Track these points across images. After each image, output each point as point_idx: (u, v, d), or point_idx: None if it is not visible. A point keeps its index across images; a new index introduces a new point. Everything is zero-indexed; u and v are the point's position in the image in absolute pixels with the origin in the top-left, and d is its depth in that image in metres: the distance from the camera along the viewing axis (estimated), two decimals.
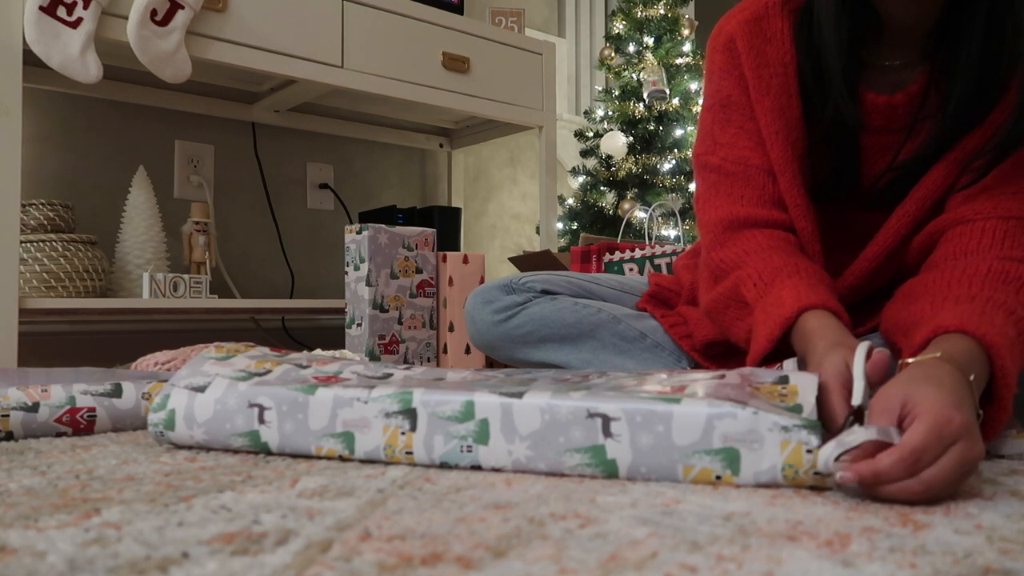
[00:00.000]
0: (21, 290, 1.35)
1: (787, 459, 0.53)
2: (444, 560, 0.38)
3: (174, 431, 0.67)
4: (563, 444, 0.58)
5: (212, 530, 0.43)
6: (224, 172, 1.94)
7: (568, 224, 2.44)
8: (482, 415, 0.60)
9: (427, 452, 0.62)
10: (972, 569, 0.37)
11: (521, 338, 1.05)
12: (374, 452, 0.63)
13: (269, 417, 0.65)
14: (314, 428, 0.64)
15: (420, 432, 0.62)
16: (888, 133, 0.82)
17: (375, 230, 1.32)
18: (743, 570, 0.37)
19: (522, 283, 1.08)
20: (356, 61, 1.62)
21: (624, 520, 0.46)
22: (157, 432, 0.68)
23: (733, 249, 0.85)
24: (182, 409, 0.67)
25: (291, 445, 0.65)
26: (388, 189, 2.26)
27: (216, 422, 0.66)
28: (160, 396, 0.68)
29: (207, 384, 0.68)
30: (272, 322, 1.98)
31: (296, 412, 0.64)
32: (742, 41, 0.85)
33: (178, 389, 0.68)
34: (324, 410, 0.64)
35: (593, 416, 0.57)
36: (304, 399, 0.65)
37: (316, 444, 0.64)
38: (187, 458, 0.65)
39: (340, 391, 0.64)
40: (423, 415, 0.62)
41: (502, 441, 0.60)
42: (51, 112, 1.69)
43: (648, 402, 0.57)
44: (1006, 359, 0.60)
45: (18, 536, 0.42)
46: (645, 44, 2.43)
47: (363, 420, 0.63)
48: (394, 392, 0.63)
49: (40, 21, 1.25)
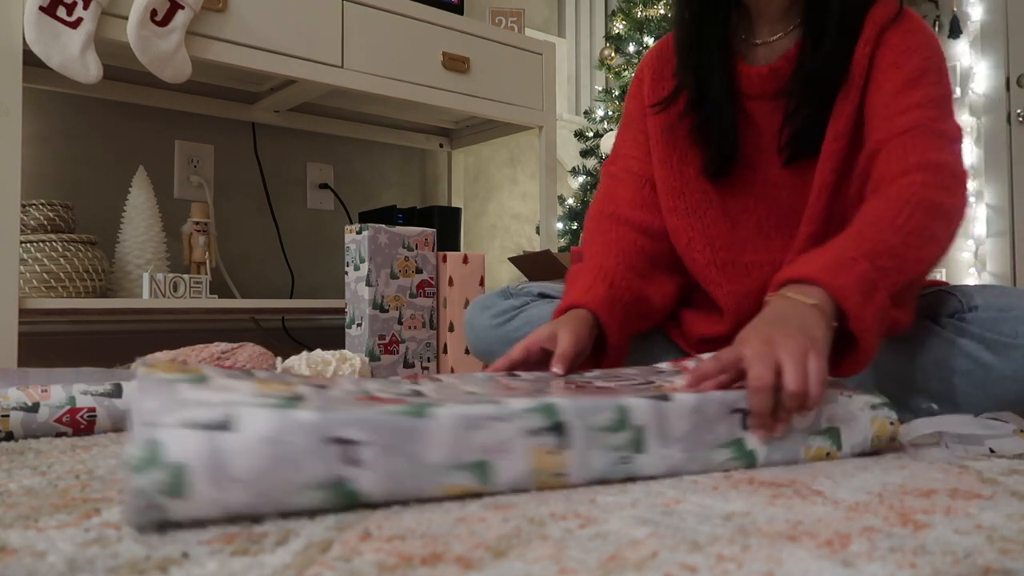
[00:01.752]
0: (21, 290, 1.35)
1: (876, 431, 0.66)
2: (444, 560, 0.38)
3: (185, 497, 0.42)
4: (710, 442, 0.59)
5: (212, 530, 0.43)
6: (224, 172, 1.94)
7: (568, 224, 2.44)
8: (638, 421, 0.56)
9: (584, 471, 0.54)
10: (972, 569, 0.37)
11: (519, 341, 1.06)
12: (519, 480, 0.52)
13: (365, 455, 0.47)
14: (433, 461, 0.49)
15: (576, 449, 0.54)
16: (779, 97, 0.95)
17: (375, 230, 1.32)
18: (743, 570, 0.37)
19: (519, 288, 1.12)
20: (356, 61, 1.62)
21: (624, 520, 0.46)
22: (147, 504, 0.42)
23: (590, 246, 1.00)
24: (201, 461, 0.43)
25: (401, 490, 0.48)
26: (388, 189, 2.26)
27: (272, 473, 0.44)
28: (140, 447, 0.42)
29: (230, 418, 0.45)
30: (272, 322, 1.98)
31: (405, 444, 0.48)
32: (648, 68, 1.04)
33: (176, 431, 0.43)
34: (445, 436, 0.50)
35: (735, 412, 0.60)
36: (414, 425, 0.49)
37: (437, 482, 0.49)
38: None
39: (465, 409, 0.51)
40: (577, 428, 0.54)
41: (658, 446, 0.57)
42: (51, 112, 1.69)
43: None
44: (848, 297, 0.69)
45: (18, 536, 0.42)
46: (645, 44, 2.43)
47: (502, 443, 0.51)
48: (534, 405, 0.54)
49: (40, 21, 1.25)
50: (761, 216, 0.97)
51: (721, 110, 0.96)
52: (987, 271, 2.83)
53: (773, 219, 0.97)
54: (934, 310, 0.85)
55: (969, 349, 0.80)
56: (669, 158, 1.00)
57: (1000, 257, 2.80)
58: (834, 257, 0.71)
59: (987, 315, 0.82)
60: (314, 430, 0.46)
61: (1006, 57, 2.83)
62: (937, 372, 0.81)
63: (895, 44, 0.88)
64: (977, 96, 2.89)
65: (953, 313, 0.84)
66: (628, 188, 1.03)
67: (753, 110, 0.97)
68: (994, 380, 0.79)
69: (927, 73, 0.86)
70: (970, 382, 0.80)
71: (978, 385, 0.80)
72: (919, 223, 0.76)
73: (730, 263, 0.97)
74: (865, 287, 0.69)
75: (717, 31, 0.96)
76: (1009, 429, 0.68)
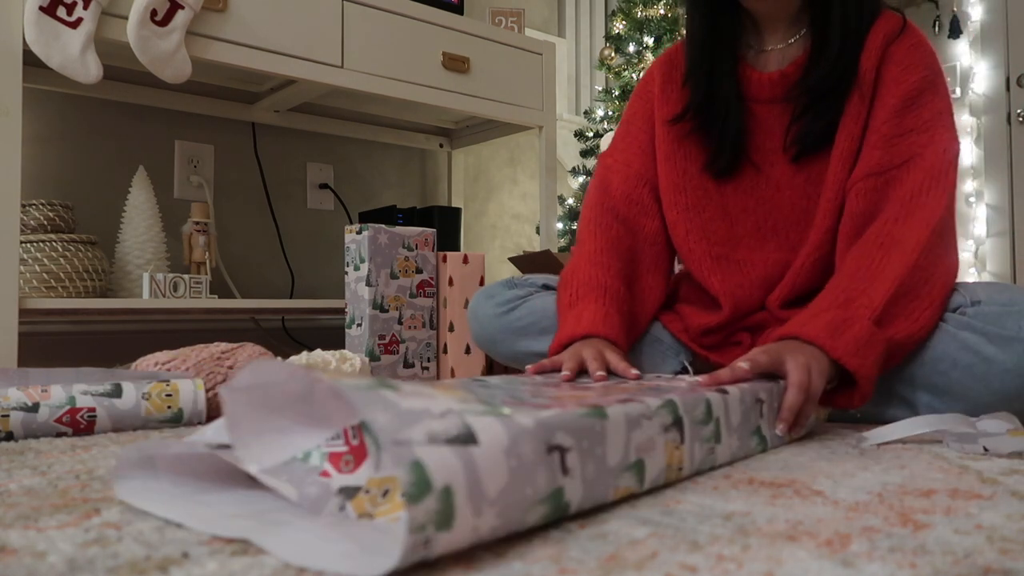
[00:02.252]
0: (21, 290, 1.35)
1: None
2: (444, 560, 0.38)
3: (452, 529, 0.35)
4: (747, 429, 0.65)
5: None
6: (224, 172, 1.94)
7: (568, 224, 2.44)
8: (716, 414, 0.60)
9: (691, 464, 0.56)
10: (972, 569, 0.37)
11: (522, 330, 1.09)
12: (657, 478, 0.52)
13: (572, 462, 0.44)
14: (612, 464, 0.47)
15: (687, 442, 0.55)
16: (787, 101, 0.99)
17: (375, 230, 1.32)
18: (743, 570, 0.37)
19: (524, 279, 1.14)
20: (356, 61, 1.62)
21: (624, 520, 0.46)
22: (419, 540, 0.34)
23: (585, 228, 1.04)
24: (461, 483, 0.36)
25: (592, 496, 0.46)
26: (388, 189, 2.26)
27: (513, 490, 0.39)
28: (408, 471, 0.34)
29: (468, 428, 0.38)
30: (272, 322, 1.98)
31: (595, 447, 0.46)
32: (658, 72, 1.08)
33: (430, 448, 0.35)
34: (620, 437, 0.48)
35: (757, 401, 0.67)
36: (601, 427, 0.47)
37: (614, 486, 0.48)
38: None
39: (627, 408, 0.50)
40: (687, 423, 0.56)
41: (727, 436, 0.61)
42: (51, 112, 1.69)
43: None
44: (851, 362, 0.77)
45: (18, 536, 0.42)
46: (645, 44, 2.43)
47: (650, 441, 0.51)
48: (662, 401, 0.54)
49: (40, 21, 1.25)
50: (760, 218, 1.00)
51: (730, 111, 0.99)
52: (987, 271, 2.83)
53: (772, 221, 1.00)
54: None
55: (971, 342, 0.82)
56: (674, 155, 1.03)
57: (1000, 257, 2.80)
58: (833, 320, 0.79)
59: (990, 309, 0.83)
60: (539, 437, 0.42)
61: (1006, 57, 2.83)
62: (938, 367, 0.83)
63: (899, 59, 0.93)
64: (977, 96, 2.89)
65: (956, 308, 0.85)
66: (625, 184, 1.06)
67: (761, 113, 1.00)
68: (995, 373, 0.80)
69: (926, 90, 0.92)
70: (971, 375, 0.81)
71: (979, 378, 0.81)
72: (919, 270, 0.83)
73: (724, 257, 1.01)
74: (862, 345, 0.77)
75: (727, 39, 1.01)
76: (1004, 428, 0.69)
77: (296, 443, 0.47)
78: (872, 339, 0.78)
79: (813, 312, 0.81)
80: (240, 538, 0.41)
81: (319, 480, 0.45)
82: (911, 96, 0.91)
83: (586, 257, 1.00)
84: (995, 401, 0.80)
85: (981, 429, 0.69)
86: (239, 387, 0.45)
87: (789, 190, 0.99)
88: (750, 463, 0.63)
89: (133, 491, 0.48)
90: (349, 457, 0.45)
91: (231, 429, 0.46)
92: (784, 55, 1.00)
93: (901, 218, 0.86)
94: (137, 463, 0.49)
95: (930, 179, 0.87)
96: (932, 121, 0.91)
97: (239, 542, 0.41)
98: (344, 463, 0.45)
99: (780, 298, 0.98)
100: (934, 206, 0.86)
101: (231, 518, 0.43)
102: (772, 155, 0.99)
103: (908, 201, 0.87)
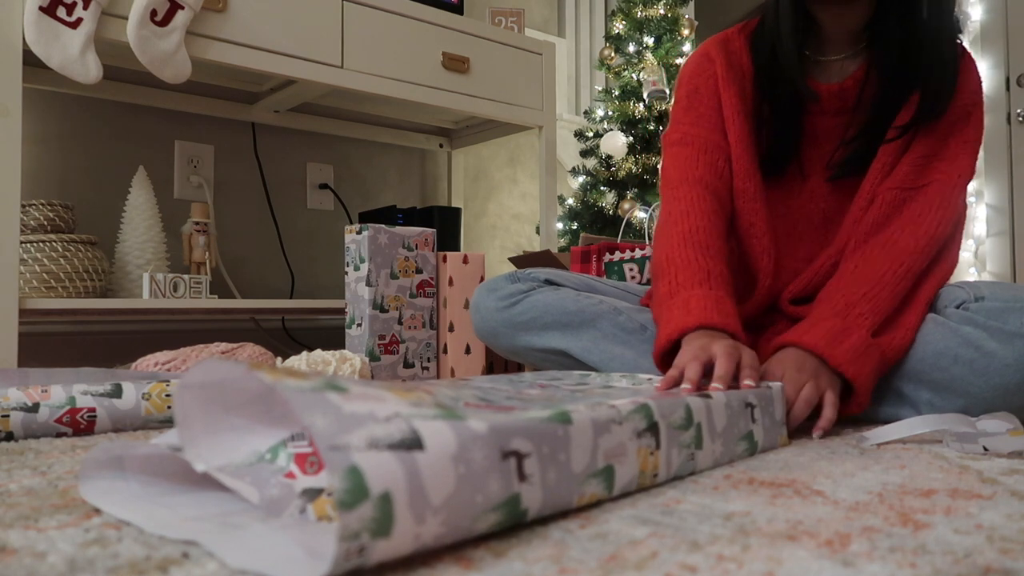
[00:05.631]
0: (21, 290, 1.35)
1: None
2: (444, 560, 0.38)
3: (389, 535, 0.35)
4: (736, 434, 0.64)
5: None
6: (224, 172, 1.94)
7: (568, 224, 2.43)
8: (697, 419, 0.59)
9: (667, 469, 0.55)
10: (972, 569, 0.37)
11: (524, 324, 1.09)
12: (628, 484, 0.51)
13: (530, 468, 0.42)
14: (577, 470, 0.46)
15: (663, 448, 0.54)
16: (841, 114, 1.00)
17: (375, 230, 1.32)
18: (743, 570, 0.37)
19: (527, 274, 1.14)
20: (356, 61, 1.62)
21: (624, 520, 0.46)
22: (358, 548, 0.33)
23: (674, 207, 0.97)
24: (401, 490, 0.35)
25: (552, 503, 0.44)
26: (388, 189, 2.26)
27: (460, 498, 0.38)
28: (343, 478, 0.33)
29: (414, 433, 0.37)
30: (272, 322, 1.98)
31: (558, 452, 0.45)
32: (715, 51, 1.04)
33: (369, 453, 0.35)
34: (586, 442, 0.47)
35: (747, 406, 0.67)
36: (564, 432, 0.46)
37: (578, 492, 0.46)
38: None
39: (594, 413, 0.49)
40: (663, 428, 0.54)
41: (709, 442, 0.60)
42: (51, 112, 1.69)
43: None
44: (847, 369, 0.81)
45: (18, 536, 0.42)
46: (645, 44, 2.43)
47: (620, 447, 0.50)
48: (635, 406, 0.53)
49: (40, 21, 1.25)
50: (790, 225, 1.03)
51: (788, 117, 1.00)
52: (987, 271, 2.83)
53: (802, 227, 1.03)
54: (939, 302, 0.90)
55: (973, 337, 0.83)
56: (748, 136, 1.00)
57: (1000, 257, 2.80)
58: (832, 328, 0.82)
59: (993, 305, 0.84)
60: (492, 443, 0.40)
61: (1006, 57, 2.83)
62: (939, 362, 0.83)
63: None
64: None
65: (960, 303, 0.86)
66: (707, 154, 1.00)
67: (814, 122, 1.02)
68: (996, 368, 0.81)
69: (962, 119, 0.95)
70: (972, 370, 0.82)
71: (980, 373, 0.81)
72: (909, 279, 0.88)
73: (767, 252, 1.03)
74: (860, 354, 0.81)
75: (797, 46, 0.98)
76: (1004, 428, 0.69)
77: (255, 442, 0.46)
78: (868, 348, 0.82)
79: (813, 321, 0.85)
80: (190, 540, 0.40)
81: (282, 481, 0.45)
82: (950, 121, 0.94)
83: (680, 238, 0.92)
84: (995, 396, 0.81)
85: (981, 429, 0.69)
86: (190, 384, 0.44)
87: (826, 199, 1.02)
88: (750, 463, 0.63)
89: (96, 491, 0.48)
90: (314, 458, 0.45)
91: (181, 427, 0.45)
92: (844, 67, 1.00)
93: (907, 229, 0.91)
94: (105, 464, 0.49)
95: (940, 197, 0.93)
96: (959, 151, 0.95)
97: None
98: (309, 464, 0.45)
99: (793, 293, 1.00)
100: (938, 221, 0.91)
101: (186, 520, 0.43)
102: (818, 164, 1.02)
103: (916, 217, 0.92)
